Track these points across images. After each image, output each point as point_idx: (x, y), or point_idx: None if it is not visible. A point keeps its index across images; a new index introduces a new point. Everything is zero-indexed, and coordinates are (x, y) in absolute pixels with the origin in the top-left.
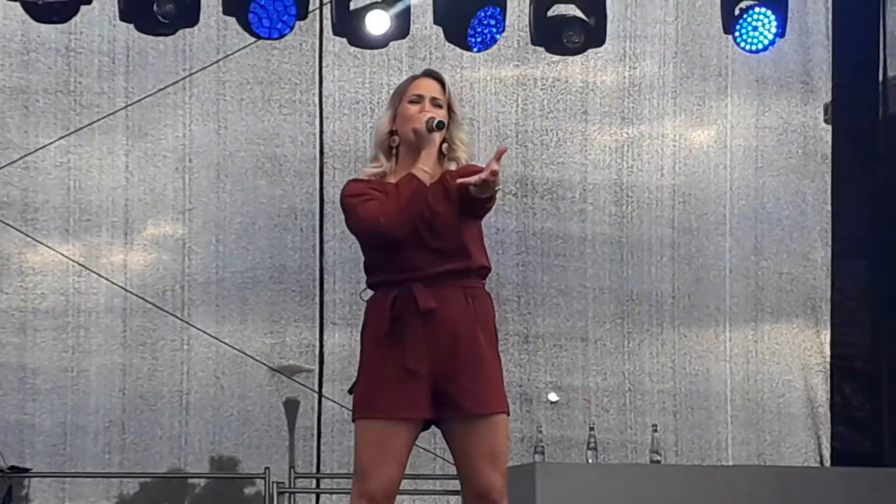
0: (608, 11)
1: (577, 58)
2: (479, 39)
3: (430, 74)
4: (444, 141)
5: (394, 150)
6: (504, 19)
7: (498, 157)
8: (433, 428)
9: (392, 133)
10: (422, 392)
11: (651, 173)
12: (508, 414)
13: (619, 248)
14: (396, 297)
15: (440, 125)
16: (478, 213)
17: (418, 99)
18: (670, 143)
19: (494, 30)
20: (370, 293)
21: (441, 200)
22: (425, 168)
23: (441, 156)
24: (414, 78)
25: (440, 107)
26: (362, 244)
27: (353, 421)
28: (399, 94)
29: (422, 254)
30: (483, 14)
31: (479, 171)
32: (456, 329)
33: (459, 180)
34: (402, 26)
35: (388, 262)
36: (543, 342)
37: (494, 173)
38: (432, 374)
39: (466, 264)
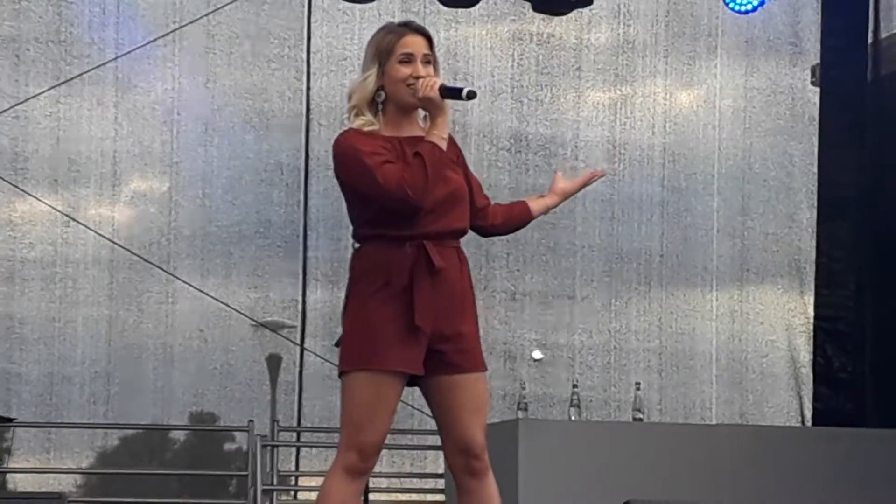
0: None
1: (572, 14)
2: None
3: (418, 30)
4: None
5: (379, 107)
6: None
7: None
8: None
9: (379, 89)
10: (421, 349)
11: (643, 131)
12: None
13: (610, 206)
14: (408, 254)
15: (471, 95)
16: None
17: (408, 58)
18: (661, 101)
19: None
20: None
21: (452, 165)
22: (443, 136)
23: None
24: (401, 34)
25: (429, 63)
26: (360, 199)
27: (345, 373)
28: (386, 51)
29: (427, 212)
30: None
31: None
32: (453, 289)
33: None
34: None
35: (395, 218)
36: (531, 300)
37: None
38: (431, 333)
39: (463, 226)
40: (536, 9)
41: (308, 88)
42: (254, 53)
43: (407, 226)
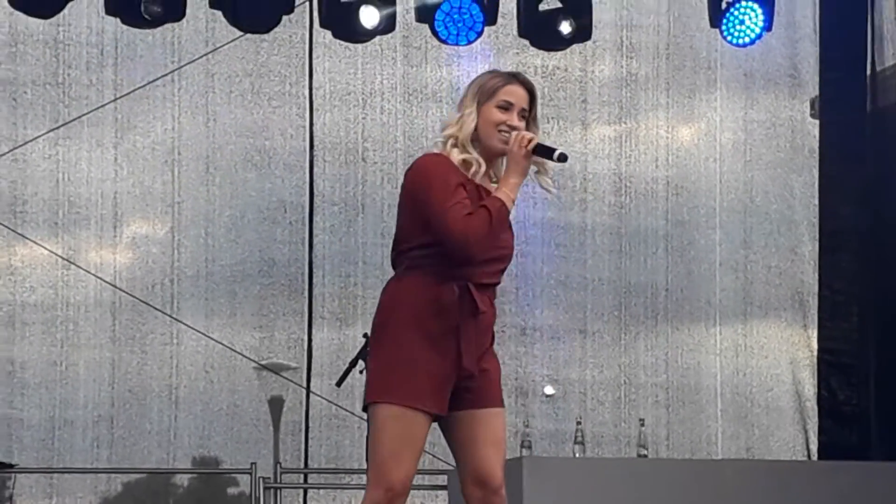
0: None
1: (575, 46)
2: (453, 32)
3: (524, 83)
4: None
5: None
6: (483, 11)
7: None
8: None
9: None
10: (449, 390)
11: (647, 164)
12: None
13: (618, 239)
14: (456, 295)
15: (562, 157)
16: None
17: (507, 106)
18: (664, 135)
19: (472, 21)
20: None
21: (509, 228)
22: (512, 196)
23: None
24: (506, 81)
25: (524, 118)
26: (423, 223)
27: (375, 404)
28: (488, 92)
29: (479, 264)
30: (449, 7)
31: None
32: (486, 331)
33: None
34: (389, 21)
35: (448, 258)
36: (541, 334)
37: None
38: (462, 372)
39: (499, 281)
40: (534, 44)
41: (311, 124)
42: (254, 91)
43: (457, 268)
